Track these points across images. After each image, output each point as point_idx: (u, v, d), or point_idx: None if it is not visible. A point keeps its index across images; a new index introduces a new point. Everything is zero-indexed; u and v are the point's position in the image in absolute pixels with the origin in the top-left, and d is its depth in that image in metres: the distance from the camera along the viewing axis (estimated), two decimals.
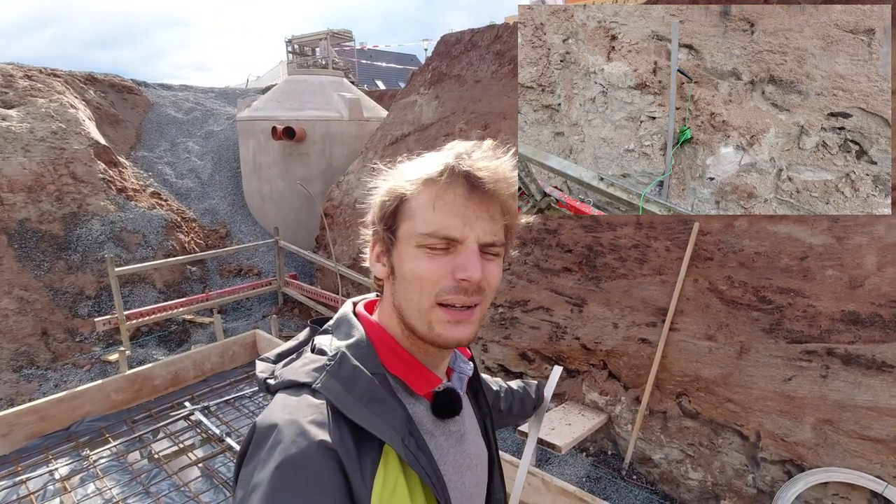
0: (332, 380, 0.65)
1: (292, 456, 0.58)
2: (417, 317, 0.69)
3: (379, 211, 0.71)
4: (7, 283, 5.77)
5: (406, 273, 0.68)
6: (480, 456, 0.84)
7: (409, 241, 0.68)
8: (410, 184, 0.68)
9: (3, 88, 7.65)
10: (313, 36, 12.77)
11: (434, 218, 0.66)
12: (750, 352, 3.44)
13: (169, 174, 9.53)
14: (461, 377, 0.81)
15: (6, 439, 4.31)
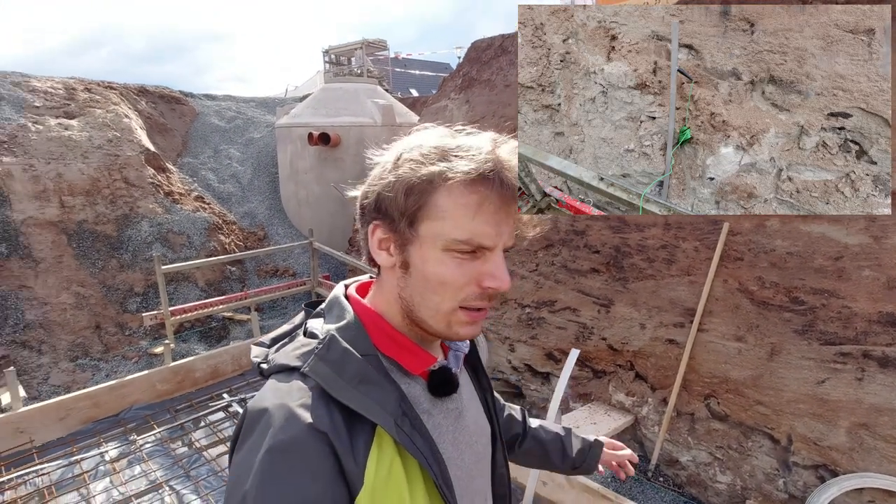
0: (320, 363, 0.65)
1: (282, 440, 0.58)
2: (433, 315, 0.67)
3: (398, 199, 0.65)
4: (66, 280, 6.20)
5: (429, 275, 0.66)
6: (481, 432, 0.83)
7: (436, 243, 0.64)
8: (441, 179, 0.63)
9: (66, 100, 8.25)
10: (349, 46, 13.16)
11: (469, 225, 0.63)
12: (781, 353, 3.37)
13: (212, 179, 10.00)
14: (457, 354, 0.81)
15: (63, 423, 4.65)
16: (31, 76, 8.63)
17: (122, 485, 3.94)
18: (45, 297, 5.98)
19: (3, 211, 6.25)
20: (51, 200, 6.67)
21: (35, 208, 6.50)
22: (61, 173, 6.94)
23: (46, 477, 4.00)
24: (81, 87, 8.88)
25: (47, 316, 5.88)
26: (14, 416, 4.41)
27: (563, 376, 1.49)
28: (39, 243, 6.27)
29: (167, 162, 9.01)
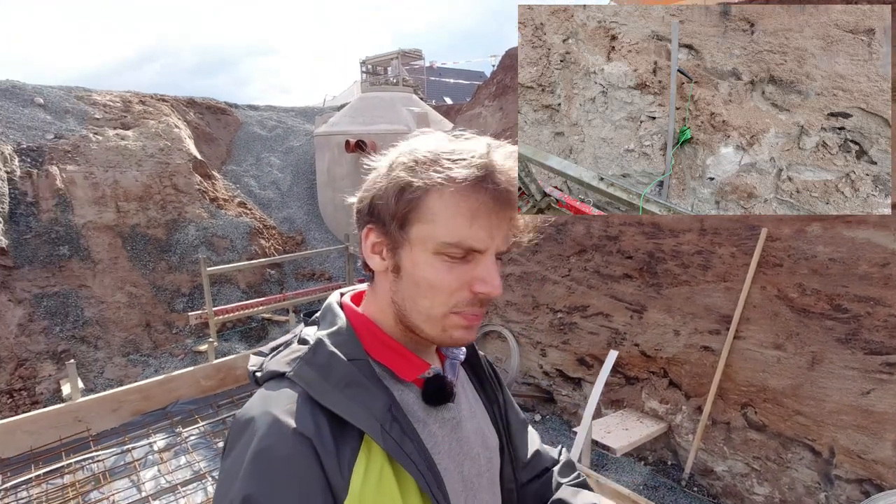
0: (305, 367, 0.64)
1: (265, 446, 0.57)
2: (425, 320, 0.66)
3: (389, 202, 0.65)
4: (120, 280, 6.61)
5: (419, 280, 0.65)
6: (484, 444, 0.79)
7: (426, 246, 0.64)
8: (432, 183, 0.62)
9: (123, 112, 8.80)
10: (386, 56, 13.48)
11: (460, 228, 0.62)
12: (823, 362, 3.27)
13: (253, 186, 10.42)
14: (453, 363, 0.79)
15: (116, 414, 4.95)
16: (92, 91, 9.25)
17: (169, 473, 4.17)
18: (101, 295, 6.39)
19: (66, 215, 6.72)
20: (108, 205, 7.13)
21: (94, 213, 6.96)
22: (118, 180, 7.41)
23: (101, 463, 4.28)
24: (136, 100, 9.45)
25: (103, 314, 6.27)
26: (73, 405, 4.73)
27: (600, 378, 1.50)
28: (97, 245, 6.71)
29: (212, 169, 9.46)
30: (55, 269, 6.28)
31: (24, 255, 6.18)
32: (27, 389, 5.34)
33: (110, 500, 3.82)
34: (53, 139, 7.51)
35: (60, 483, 4.06)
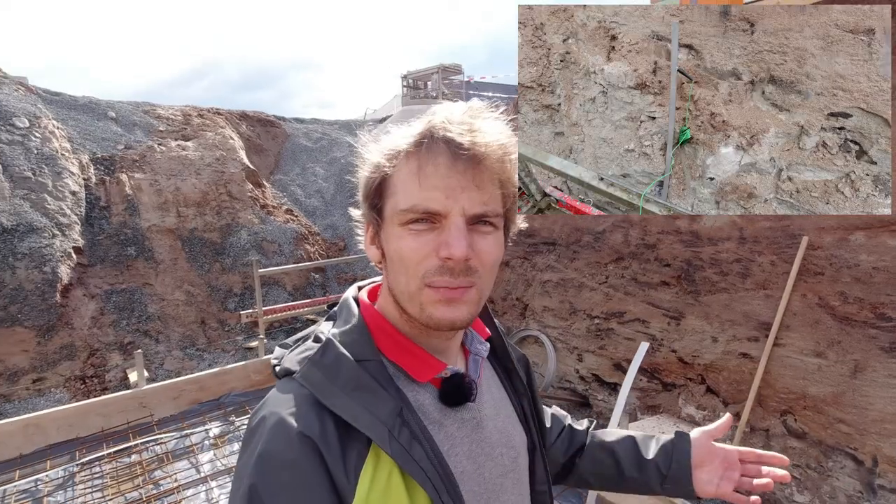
0: (313, 368, 0.63)
1: (271, 448, 0.57)
2: (408, 299, 0.64)
3: (363, 189, 0.66)
4: (179, 280, 7.11)
5: (392, 254, 0.64)
6: (508, 444, 0.75)
7: (393, 220, 0.63)
8: (389, 157, 0.63)
9: (184, 125, 9.46)
10: (426, 70, 13.91)
11: (414, 192, 0.61)
12: (866, 371, 3.25)
13: (299, 194, 10.93)
14: (476, 359, 0.75)
15: (175, 402, 5.34)
16: (157, 105, 9.99)
17: (224, 458, 4.48)
18: (162, 293, 6.89)
19: (133, 219, 7.30)
20: (170, 210, 7.69)
21: (158, 217, 7.52)
22: (179, 187, 7.98)
23: (164, 445, 4.64)
24: (195, 114, 10.13)
25: (164, 310, 6.76)
26: (139, 392, 5.14)
27: (632, 368, 1.60)
28: (160, 247, 7.25)
29: (262, 178, 10.00)
30: (123, 268, 6.83)
31: (97, 255, 6.75)
32: (98, 377, 5.82)
33: (173, 478, 4.16)
34: (123, 149, 8.18)
35: (128, 461, 4.43)
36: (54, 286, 5.95)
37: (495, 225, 0.64)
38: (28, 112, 7.34)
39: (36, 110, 7.53)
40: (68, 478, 4.25)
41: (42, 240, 6.11)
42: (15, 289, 5.75)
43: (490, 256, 0.63)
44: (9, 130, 6.81)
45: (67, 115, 8.23)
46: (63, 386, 5.63)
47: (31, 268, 5.90)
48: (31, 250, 5.98)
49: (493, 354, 0.83)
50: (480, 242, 0.62)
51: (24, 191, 6.37)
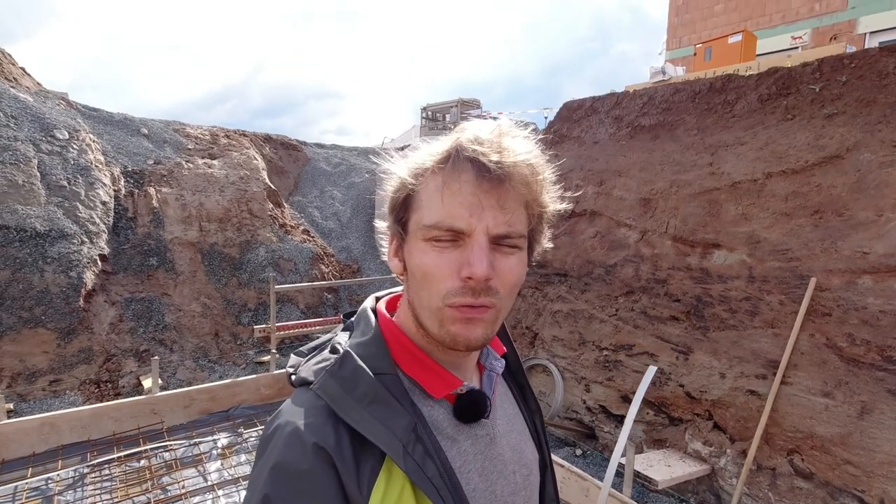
0: (330, 380, 0.63)
1: (285, 459, 0.58)
2: (429, 315, 0.64)
3: (390, 202, 0.67)
4: (197, 292, 7.29)
5: (414, 269, 0.64)
6: (520, 461, 0.75)
7: (417, 235, 0.64)
8: (417, 172, 0.64)
9: (211, 144, 9.85)
10: (446, 104, 14.38)
11: (440, 208, 0.61)
12: (873, 413, 3.28)
13: (316, 216, 11.20)
14: (490, 375, 0.75)
15: (186, 410, 5.42)
16: (186, 124, 10.41)
17: (231, 468, 4.53)
18: (180, 304, 7.06)
19: (157, 231, 7.56)
20: (193, 225, 7.94)
21: (181, 230, 7.77)
22: (203, 203, 8.26)
23: (173, 453, 4.70)
24: (222, 134, 10.54)
25: (180, 320, 6.91)
26: (152, 398, 5.24)
27: (639, 392, 1.66)
28: (181, 259, 7.46)
29: (282, 199, 10.30)
30: (144, 277, 7.03)
31: (121, 263, 6.97)
32: (112, 382, 5.93)
33: (181, 484, 4.21)
34: (153, 164, 8.52)
35: (138, 466, 4.49)
36: (79, 291, 6.15)
37: (519, 245, 0.64)
38: (68, 125, 7.72)
39: (75, 124, 7.92)
40: (79, 478, 4.32)
41: (71, 246, 6.35)
42: (41, 291, 5.95)
43: (512, 277, 0.63)
44: (49, 141, 7.17)
45: (103, 130, 8.63)
46: (78, 389, 5.74)
47: (58, 272, 6.12)
48: (60, 255, 6.22)
49: (508, 371, 0.82)
50: (503, 262, 0.62)
51: (58, 198, 6.66)
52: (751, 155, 4.54)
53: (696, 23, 12.39)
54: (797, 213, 4.08)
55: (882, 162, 3.77)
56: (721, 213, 4.59)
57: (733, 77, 5.15)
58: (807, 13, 10.36)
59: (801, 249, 3.97)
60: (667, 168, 5.26)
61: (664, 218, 5.06)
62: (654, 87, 6.29)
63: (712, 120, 5.08)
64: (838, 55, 4.46)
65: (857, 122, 4.01)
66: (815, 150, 4.14)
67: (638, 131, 6.02)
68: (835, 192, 3.94)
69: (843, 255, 3.74)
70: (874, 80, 4.04)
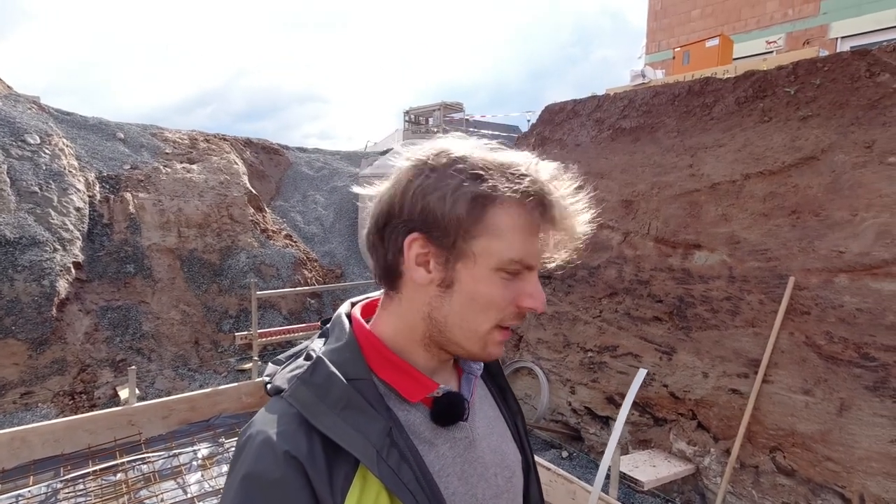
0: (302, 387, 0.62)
1: (256, 468, 0.57)
2: (470, 336, 0.65)
3: (455, 212, 0.61)
4: (176, 299, 7.12)
5: (478, 296, 0.63)
6: (502, 463, 0.75)
7: (489, 262, 0.62)
8: (502, 196, 0.62)
9: (189, 149, 9.67)
10: (429, 107, 14.37)
11: (522, 245, 0.63)
12: (851, 409, 3.34)
13: (299, 221, 11.07)
14: (469, 377, 0.75)
15: (165, 421, 5.28)
16: (164, 128, 10.21)
17: (212, 479, 4.43)
18: (158, 312, 6.89)
19: (135, 237, 7.38)
20: (171, 230, 7.78)
21: (159, 236, 7.60)
22: (181, 208, 8.10)
23: (151, 465, 4.57)
24: (202, 138, 10.36)
25: (158, 329, 6.74)
26: (129, 409, 5.09)
27: (629, 395, 1.65)
28: (159, 266, 7.29)
29: (263, 203, 10.15)
30: (121, 285, 6.85)
31: (96, 271, 6.78)
32: (87, 393, 5.75)
33: (159, 497, 4.09)
34: (129, 169, 8.33)
35: (114, 479, 4.36)
36: (51, 300, 5.96)
37: None
38: (39, 129, 7.51)
39: (47, 128, 7.70)
40: (51, 494, 4.17)
41: (43, 253, 6.15)
42: (12, 301, 5.75)
43: None
44: (20, 146, 6.96)
45: (77, 134, 8.41)
46: (51, 401, 5.56)
47: (29, 280, 5.92)
48: (32, 263, 6.02)
49: (487, 373, 0.82)
50: None
51: (29, 205, 6.46)
52: (729, 157, 4.61)
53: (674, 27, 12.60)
54: (775, 214, 4.14)
55: (855, 163, 3.85)
56: (701, 214, 4.64)
57: (711, 80, 5.23)
58: (780, 18, 10.61)
59: (779, 249, 4.03)
60: (648, 170, 5.31)
61: (646, 219, 5.10)
62: (635, 90, 6.36)
63: (691, 122, 5.15)
64: (812, 59, 4.55)
65: (831, 123, 4.09)
66: (791, 151, 4.22)
67: (619, 134, 6.07)
68: (811, 193, 4.01)
69: (820, 255, 3.81)
70: (846, 82, 4.13)
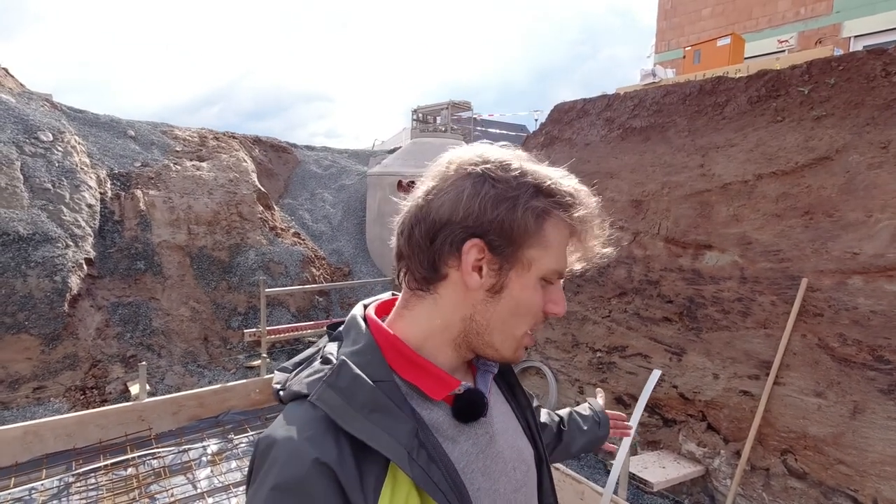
0: (328, 390, 0.61)
1: (286, 477, 0.56)
2: (507, 339, 0.68)
3: (524, 223, 0.65)
4: (185, 296, 7.17)
5: (522, 301, 0.67)
6: (519, 458, 0.77)
7: (537, 271, 0.66)
8: (559, 216, 0.67)
9: (199, 146, 9.73)
10: (437, 106, 14.35)
11: (564, 258, 0.70)
12: (865, 412, 3.30)
13: (307, 219, 11.11)
14: (485, 374, 0.76)
15: (175, 417, 5.32)
16: (174, 126, 10.28)
17: (221, 475, 4.45)
18: (168, 308, 6.94)
19: (145, 234, 7.44)
20: (181, 228, 7.83)
21: (169, 233, 7.66)
22: (191, 205, 8.15)
23: (161, 460, 4.61)
24: (211, 136, 10.42)
25: (168, 325, 6.80)
26: (139, 405, 5.13)
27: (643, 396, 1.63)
28: (169, 263, 7.35)
29: (272, 201, 10.20)
30: (131, 282, 6.91)
31: (107, 267, 6.85)
32: (98, 388, 5.82)
33: (170, 492, 4.12)
34: (140, 167, 8.39)
35: (125, 474, 4.39)
36: (63, 296, 6.02)
37: None
38: (52, 127, 7.58)
39: (60, 125, 7.77)
40: (63, 488, 4.21)
41: (56, 250, 6.22)
42: (25, 296, 5.81)
43: None
44: (33, 143, 7.03)
45: (89, 132, 8.48)
46: (63, 396, 5.62)
47: (42, 276, 5.99)
48: (45, 259, 6.09)
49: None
50: None
51: (42, 201, 6.53)
52: (741, 156, 4.57)
53: (684, 27, 12.51)
54: (788, 214, 4.10)
55: (870, 163, 3.80)
56: (712, 214, 4.61)
57: (723, 79, 5.18)
58: (792, 17, 10.50)
59: (792, 250, 3.99)
60: (658, 170, 5.27)
61: (656, 219, 5.07)
62: (645, 90, 6.32)
63: (703, 122, 5.11)
64: (826, 58, 4.50)
65: (846, 123, 4.04)
66: (804, 151, 4.17)
67: (629, 133, 6.04)
68: (825, 194, 3.97)
69: (833, 256, 3.77)
70: (861, 82, 4.08)
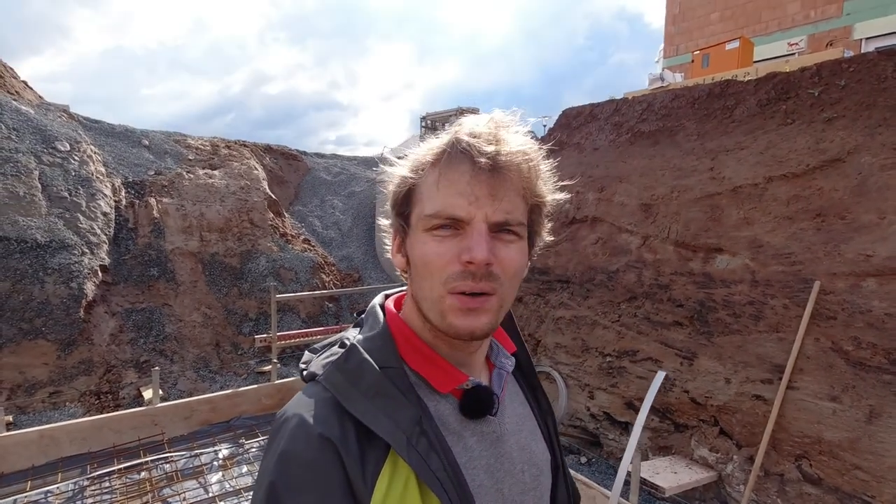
0: (336, 372, 0.64)
1: (291, 448, 0.59)
2: (431, 306, 0.65)
3: (392, 199, 0.68)
4: (198, 302, 7.26)
5: (417, 259, 0.65)
6: (530, 461, 0.75)
7: (419, 226, 0.65)
8: (417, 167, 0.66)
9: (211, 155, 9.88)
10: (445, 113, 14.45)
11: (438, 198, 0.63)
12: (882, 416, 3.25)
13: (317, 225, 11.20)
14: (500, 373, 0.75)
15: (187, 421, 5.38)
16: (187, 135, 10.46)
17: (233, 479, 4.48)
18: (180, 314, 7.03)
19: (158, 241, 7.56)
20: (193, 235, 7.94)
21: (182, 240, 7.77)
22: (203, 213, 8.27)
23: (173, 464, 4.65)
24: (223, 145, 10.58)
25: (181, 331, 6.88)
26: (152, 410, 5.20)
27: (648, 397, 1.64)
28: (181, 269, 7.45)
29: (283, 208, 10.31)
30: (145, 288, 7.01)
31: (121, 274, 6.96)
32: (112, 393, 5.89)
33: (182, 496, 4.16)
34: (154, 175, 8.54)
35: (138, 478, 4.44)
36: (79, 302, 6.13)
37: (518, 234, 0.65)
38: (69, 137, 7.75)
39: (76, 136, 7.95)
40: (78, 491, 4.27)
41: (72, 257, 6.34)
42: (42, 302, 5.93)
43: (512, 264, 0.64)
44: (51, 153, 7.19)
45: (104, 141, 8.66)
46: (78, 400, 5.70)
47: (59, 283, 6.10)
48: (61, 266, 6.20)
49: (519, 370, 0.82)
50: (503, 250, 0.63)
51: (59, 210, 6.66)
52: (751, 159, 4.55)
53: (692, 31, 12.48)
54: (799, 217, 4.07)
55: (883, 165, 3.77)
56: (723, 217, 4.58)
57: (732, 82, 5.17)
58: (802, 20, 10.44)
59: (803, 253, 3.95)
60: (667, 173, 5.26)
61: (666, 223, 5.05)
62: (654, 94, 6.32)
63: (712, 125, 5.09)
64: (837, 60, 4.48)
65: (857, 125, 4.01)
66: (815, 153, 4.14)
67: (638, 137, 6.03)
68: (836, 196, 3.93)
69: (846, 259, 3.73)
70: (873, 83, 4.06)
